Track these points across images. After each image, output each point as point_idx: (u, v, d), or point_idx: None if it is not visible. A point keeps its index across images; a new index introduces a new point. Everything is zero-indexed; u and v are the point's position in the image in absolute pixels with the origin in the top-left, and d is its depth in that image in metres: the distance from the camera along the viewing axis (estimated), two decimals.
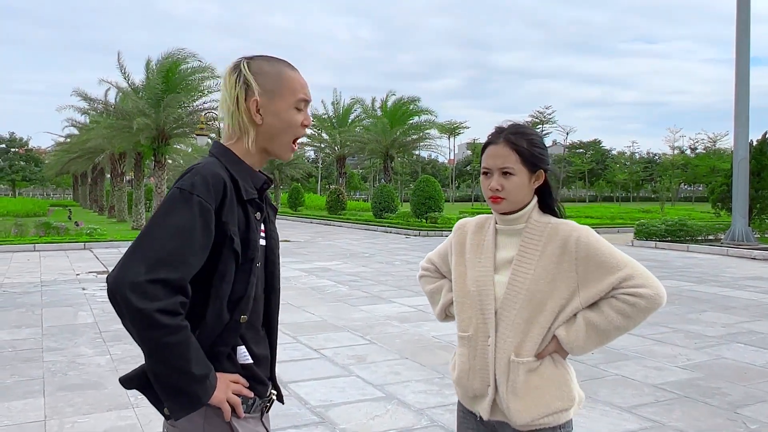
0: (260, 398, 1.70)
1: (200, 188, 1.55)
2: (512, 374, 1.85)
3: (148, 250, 1.49)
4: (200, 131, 19.32)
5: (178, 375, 1.50)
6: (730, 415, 4.52)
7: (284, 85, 1.67)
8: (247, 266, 1.63)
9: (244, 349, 1.67)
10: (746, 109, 18.06)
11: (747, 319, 7.96)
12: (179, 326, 1.48)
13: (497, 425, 1.92)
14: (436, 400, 4.84)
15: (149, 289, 1.45)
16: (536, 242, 1.89)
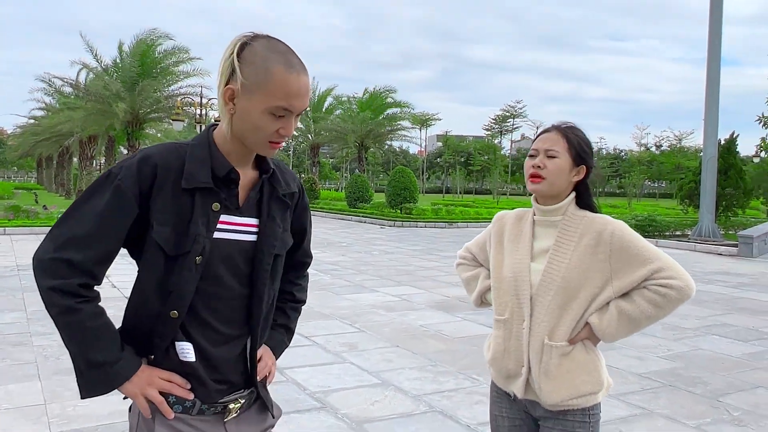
0: (203, 401, 1.57)
1: (125, 172, 1.49)
2: (545, 357, 1.95)
3: (62, 229, 1.50)
4: (176, 116, 19.11)
5: (75, 355, 1.50)
6: (713, 402, 4.74)
7: (266, 85, 1.46)
8: (181, 259, 1.50)
9: (187, 345, 1.55)
10: (716, 109, 18.54)
11: (720, 313, 8.26)
12: (71, 308, 1.46)
13: (528, 404, 2.03)
14: (432, 386, 4.96)
15: (50, 267, 1.46)
16: (572, 234, 1.99)
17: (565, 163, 1.98)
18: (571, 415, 1.97)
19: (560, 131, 2.01)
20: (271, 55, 1.48)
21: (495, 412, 2.16)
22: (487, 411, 4.45)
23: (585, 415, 1.98)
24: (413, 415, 4.33)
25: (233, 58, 1.47)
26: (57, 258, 1.46)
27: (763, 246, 15.77)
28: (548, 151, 1.99)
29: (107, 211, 1.48)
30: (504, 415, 2.12)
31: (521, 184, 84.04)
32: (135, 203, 1.49)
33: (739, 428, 4.24)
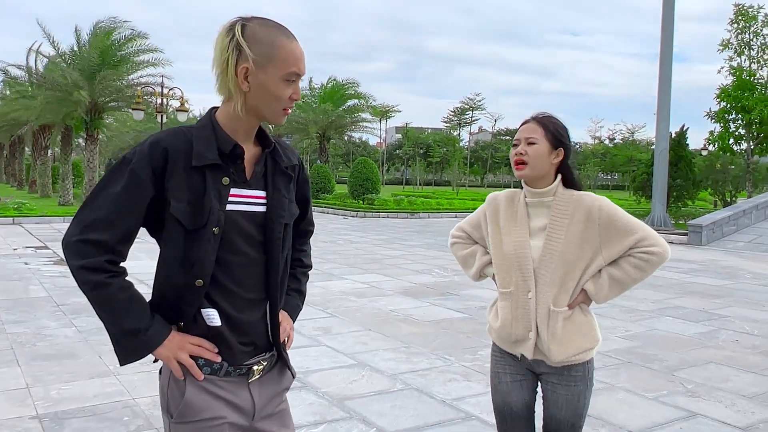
0: (230, 363, 1.70)
1: (138, 156, 1.62)
2: (551, 321, 2.22)
3: (85, 214, 1.63)
4: (136, 105, 18.83)
5: (110, 325, 1.65)
6: (669, 377, 5.08)
7: (277, 55, 1.61)
8: (199, 232, 1.63)
9: (213, 311, 1.67)
10: (668, 104, 19.22)
11: (673, 296, 8.71)
12: (102, 282, 1.60)
13: (533, 363, 2.30)
14: (406, 366, 5.17)
15: (78, 248, 1.61)
16: (564, 212, 2.24)
17: (544, 148, 2.22)
18: (574, 369, 2.26)
19: (536, 120, 2.27)
20: (271, 30, 1.63)
21: (498, 369, 2.40)
22: (459, 388, 4.71)
23: (585, 368, 2.28)
24: (391, 392, 4.53)
25: (238, 39, 1.59)
26: (83, 239, 1.60)
27: (711, 234, 16.49)
28: (528, 138, 2.23)
29: (125, 193, 1.61)
30: (507, 372, 2.36)
31: (479, 175, 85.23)
32: (150, 184, 1.62)
33: (693, 399, 4.57)
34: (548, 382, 2.30)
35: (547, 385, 2.30)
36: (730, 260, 13.20)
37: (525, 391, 2.34)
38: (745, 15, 24.92)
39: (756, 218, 17.42)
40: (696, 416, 4.23)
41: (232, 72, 1.61)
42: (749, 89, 24.65)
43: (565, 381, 2.26)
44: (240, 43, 1.59)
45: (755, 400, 4.57)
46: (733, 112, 25.08)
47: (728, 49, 25.43)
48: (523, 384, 2.34)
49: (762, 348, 6.06)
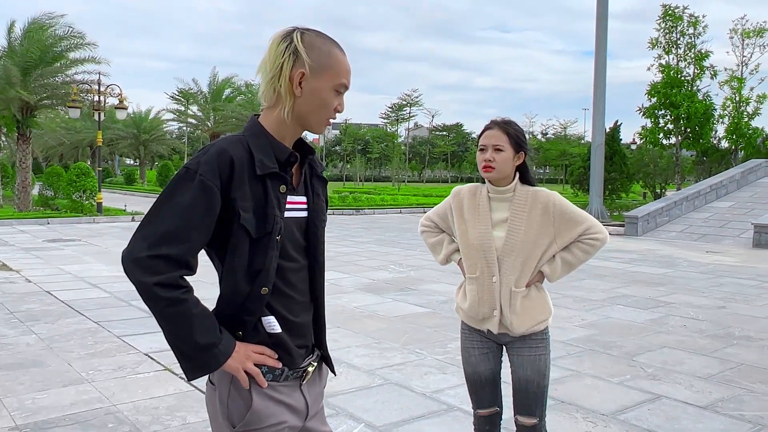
0: (290, 368, 1.72)
1: (204, 167, 1.61)
2: (513, 300, 2.58)
3: (152, 227, 1.59)
4: (72, 103, 18.16)
5: (183, 342, 1.61)
6: (630, 362, 5.37)
7: (332, 65, 1.67)
8: (264, 240, 1.65)
9: (272, 319, 1.69)
10: (603, 100, 19.98)
11: (620, 285, 9.13)
12: (177, 299, 1.57)
13: (499, 336, 2.66)
14: (381, 362, 5.27)
15: (150, 264, 1.55)
16: (523, 206, 2.57)
17: (509, 154, 2.54)
18: (533, 337, 2.63)
19: (501, 128, 2.55)
20: (327, 41, 1.70)
21: (467, 345, 2.74)
22: (436, 380, 4.86)
23: (542, 336, 2.65)
24: (371, 388, 4.62)
25: (296, 45, 1.64)
26: (154, 255, 1.55)
27: (646, 225, 17.27)
28: (495, 145, 2.53)
29: (195, 205, 1.58)
30: (475, 346, 2.71)
31: (416, 171, 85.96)
32: (219, 194, 1.60)
33: (654, 382, 4.86)
34: (513, 348, 2.66)
35: (512, 351, 2.66)
36: (666, 249, 13.88)
37: (491, 361, 2.69)
38: (672, 15, 26.14)
39: (686, 209, 18.35)
40: (660, 398, 4.50)
41: (287, 76, 1.64)
42: (677, 86, 25.88)
43: (527, 344, 2.62)
44: (298, 48, 1.64)
45: (711, 381, 4.89)
46: (662, 107, 26.27)
47: (657, 47, 26.64)
48: (489, 356, 2.70)
49: (708, 332, 6.46)
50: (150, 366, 5.03)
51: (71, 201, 19.60)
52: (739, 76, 27.60)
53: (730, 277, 10.09)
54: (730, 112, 27.52)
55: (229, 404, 1.68)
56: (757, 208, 17.56)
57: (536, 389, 2.61)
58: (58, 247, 12.54)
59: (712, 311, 7.48)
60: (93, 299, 7.56)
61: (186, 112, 41.81)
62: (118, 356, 5.29)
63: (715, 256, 12.79)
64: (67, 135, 46.75)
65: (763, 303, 8.04)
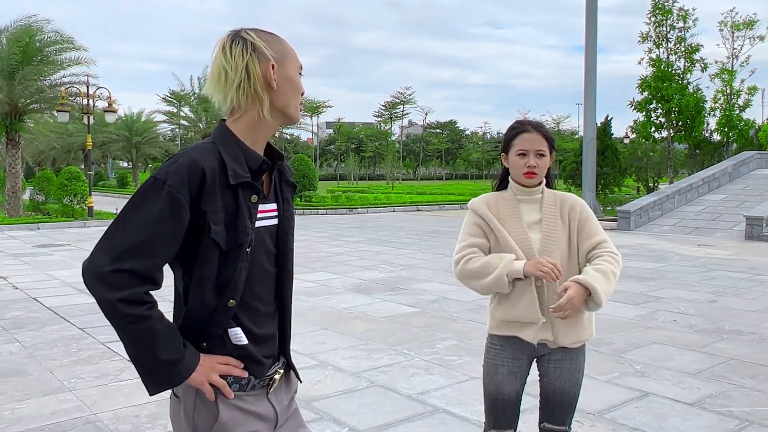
0: (256, 377, 1.69)
1: (173, 177, 1.54)
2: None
3: (116, 240, 1.52)
4: (61, 107, 18.04)
5: (145, 358, 1.56)
6: (618, 359, 5.33)
7: (288, 51, 1.69)
8: (234, 252, 1.60)
9: (238, 330, 1.66)
10: (594, 95, 19.96)
11: None
12: (141, 315, 1.51)
13: (538, 347, 2.51)
14: (368, 363, 5.22)
15: (113, 279, 1.48)
16: (553, 207, 2.52)
17: (548, 159, 2.52)
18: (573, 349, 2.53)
19: (540, 132, 2.50)
20: (270, 34, 1.70)
21: (495, 360, 2.55)
22: (423, 382, 4.81)
23: (582, 350, 2.58)
24: (357, 391, 4.57)
25: (254, 42, 1.62)
26: (117, 269, 1.48)
27: (639, 219, 17.27)
28: (538, 151, 2.48)
29: (162, 218, 1.52)
30: (504, 364, 2.53)
31: (411, 168, 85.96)
32: (187, 207, 1.54)
33: (643, 379, 4.82)
34: (550, 360, 2.53)
35: (549, 362, 2.53)
36: (658, 243, 13.87)
37: (518, 381, 2.55)
38: (662, 9, 26.14)
39: (678, 202, 18.35)
40: (648, 395, 4.46)
41: (257, 74, 1.61)
42: (668, 79, 25.89)
43: (569, 356, 2.52)
44: (257, 44, 1.62)
45: (699, 377, 4.86)
46: (653, 101, 26.28)
47: (647, 41, 26.64)
48: (518, 375, 2.55)
49: (698, 327, 6.43)
50: (133, 373, 4.97)
51: (62, 205, 19.50)
52: (730, 68, 27.63)
53: (721, 271, 10.08)
54: (722, 104, 27.56)
55: (195, 417, 1.64)
56: (750, 200, 17.57)
57: (572, 400, 2.56)
58: (47, 253, 12.46)
59: (702, 305, 7.45)
60: (79, 305, 7.49)
61: (178, 113, 41.65)
62: (102, 363, 5.22)
63: (707, 250, 12.78)
64: (59, 139, 46.57)
65: (754, 296, 8.02)
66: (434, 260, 11.15)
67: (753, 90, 27.66)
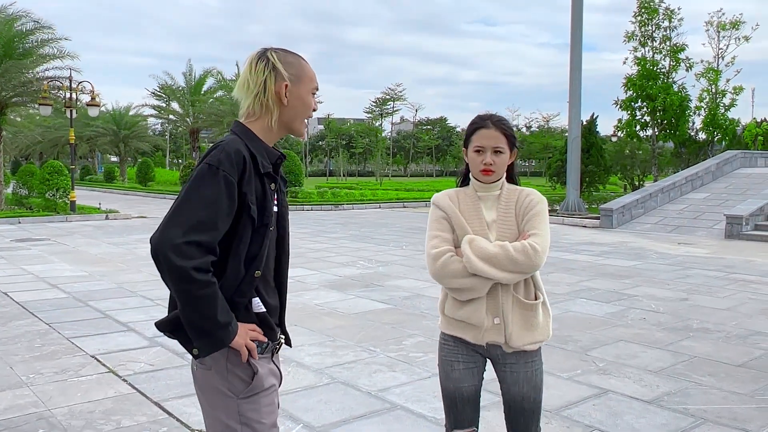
0: (271, 342, 2.01)
1: (225, 164, 1.83)
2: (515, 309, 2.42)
3: (184, 217, 1.79)
4: (43, 101, 17.89)
5: (207, 321, 1.81)
6: (583, 356, 5.34)
7: (305, 73, 2.00)
8: (261, 230, 1.92)
9: (259, 300, 1.96)
10: (579, 93, 20.00)
11: (585, 279, 9.13)
12: (209, 282, 1.79)
13: (489, 348, 2.47)
14: (332, 360, 5.21)
15: (186, 250, 1.75)
16: (510, 205, 2.44)
17: (507, 156, 2.44)
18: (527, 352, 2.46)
19: (498, 128, 2.40)
20: (293, 55, 2.02)
21: (449, 358, 2.50)
22: (384, 378, 4.80)
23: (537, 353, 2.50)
24: (317, 387, 4.56)
25: (274, 62, 1.94)
26: (190, 241, 1.76)
27: (621, 217, 17.33)
28: (495, 148, 2.39)
29: (220, 197, 1.81)
30: (459, 360, 2.49)
31: (402, 165, 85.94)
32: (236, 189, 1.84)
33: (604, 376, 4.83)
34: (505, 364, 2.46)
35: (505, 366, 2.46)
36: (638, 242, 13.93)
37: (476, 377, 2.50)
38: (648, 8, 26.20)
39: (661, 201, 18.43)
40: (607, 393, 4.47)
41: (272, 90, 1.94)
42: (653, 78, 25.96)
43: (523, 359, 2.44)
44: (276, 65, 1.95)
45: (660, 374, 4.88)
46: (638, 100, 26.36)
47: (633, 40, 26.71)
48: (474, 371, 2.50)
49: (666, 324, 6.46)
50: (94, 368, 4.94)
51: (44, 200, 19.35)
52: (715, 68, 27.75)
53: (697, 269, 10.13)
54: (707, 103, 27.67)
55: (229, 377, 1.92)
56: (732, 199, 17.67)
57: (533, 405, 2.46)
58: (25, 247, 12.36)
59: (673, 303, 7.49)
60: (50, 300, 7.44)
61: (168, 108, 41.37)
62: (64, 359, 5.18)
63: (686, 248, 12.85)
64: (46, 132, 46.24)
65: (726, 294, 8.07)
66: (412, 257, 11.15)
67: (738, 90, 27.80)
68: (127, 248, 12.09)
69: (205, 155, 1.90)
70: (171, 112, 40.88)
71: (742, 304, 7.46)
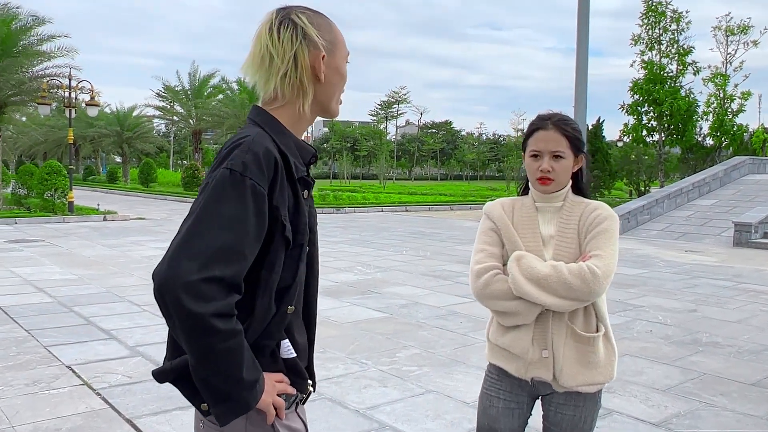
0: (301, 393, 1.56)
1: (252, 169, 1.35)
2: (568, 341, 2.07)
3: (200, 244, 1.31)
4: (42, 100, 17.69)
5: (229, 381, 1.35)
6: None
7: (338, 38, 1.55)
8: (296, 252, 1.45)
9: (288, 342, 1.50)
10: (584, 96, 19.62)
11: None
12: (234, 331, 1.33)
13: (539, 386, 2.14)
14: (321, 373, 4.92)
15: (204, 290, 1.28)
16: (573, 221, 2.07)
17: (570, 161, 2.07)
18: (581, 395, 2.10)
19: (558, 129, 2.05)
20: (320, 15, 1.54)
21: (490, 392, 2.19)
22: (375, 395, 4.53)
23: (594, 398, 2.12)
24: None
25: (305, 28, 1.47)
26: (207, 278, 1.28)
27: (627, 224, 17.01)
28: (553, 152, 2.04)
29: (247, 215, 1.34)
30: (500, 397, 2.16)
31: (406, 168, 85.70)
32: (267, 201, 1.37)
33: (608, 395, 4.53)
34: (552, 402, 2.13)
35: (551, 405, 2.13)
36: (644, 249, 13.61)
37: (516, 419, 2.16)
38: (655, 11, 25.89)
39: (668, 207, 18.11)
40: (611, 414, 4.19)
41: (306, 64, 1.47)
42: (660, 82, 25.62)
43: (573, 402, 2.09)
44: (308, 32, 1.47)
45: (668, 393, 4.59)
46: (645, 104, 26.03)
47: (639, 43, 26.39)
48: (516, 412, 2.16)
49: (674, 338, 6.16)
50: (68, 380, 4.67)
51: (43, 200, 19.14)
52: (724, 72, 27.40)
53: (706, 278, 9.82)
54: (715, 109, 27.32)
55: None
56: (740, 205, 17.34)
57: None
58: (17, 249, 12.12)
59: (682, 315, 7.19)
60: (34, 305, 7.18)
61: (171, 109, 41.23)
62: (38, 369, 4.92)
63: (694, 256, 12.53)
64: (49, 132, 46.15)
65: (736, 305, 7.76)
66: (412, 262, 10.86)
67: (746, 95, 27.43)
68: (121, 251, 11.84)
69: (225, 156, 1.40)
70: (174, 113, 40.75)
71: (753, 317, 7.16)
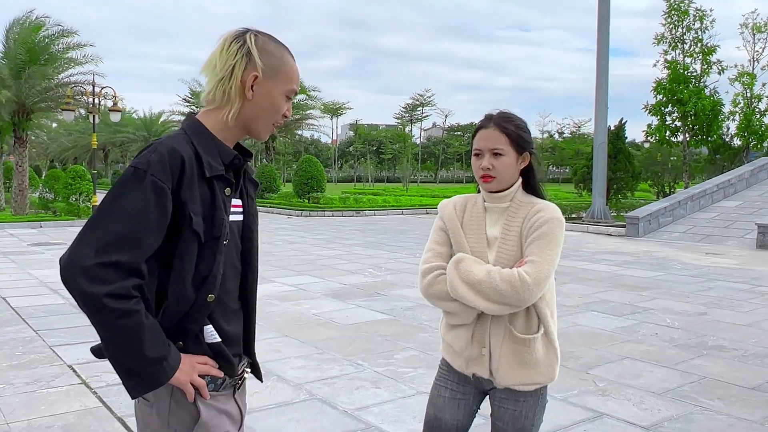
0: (229, 377, 1.67)
1: (155, 167, 1.49)
2: (506, 341, 2.11)
3: (99, 233, 1.45)
4: (66, 106, 18.07)
5: (131, 357, 1.48)
6: (582, 375, 5.00)
7: (285, 70, 1.65)
8: (212, 245, 1.58)
9: (212, 328, 1.63)
10: (605, 97, 19.48)
11: (601, 290, 8.72)
12: (130, 310, 1.45)
13: (482, 381, 2.19)
14: (315, 374, 4.97)
15: (99, 273, 1.41)
16: (517, 222, 2.06)
17: (511, 158, 2.06)
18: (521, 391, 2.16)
19: (498, 127, 2.05)
20: (279, 45, 1.67)
21: (439, 383, 2.25)
22: (365, 396, 4.55)
23: (535, 395, 2.19)
24: (291, 404, 4.32)
25: (250, 47, 1.59)
26: (103, 262, 1.42)
27: (648, 226, 16.76)
28: (493, 150, 2.05)
29: (147, 208, 1.47)
30: (447, 387, 2.22)
31: (432, 171, 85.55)
32: (170, 196, 1.51)
33: (602, 398, 4.49)
34: (495, 397, 2.17)
35: (495, 400, 2.18)
36: (663, 251, 13.40)
37: (461, 410, 2.19)
38: (678, 10, 25.46)
39: (691, 209, 17.79)
40: (602, 416, 4.14)
41: (238, 78, 1.60)
42: (683, 82, 25.19)
43: (514, 396, 2.13)
44: (252, 50, 1.60)
45: (663, 397, 4.51)
46: (669, 104, 25.60)
47: (663, 43, 25.98)
48: (461, 403, 2.20)
49: (679, 341, 6.06)
50: (67, 379, 4.77)
51: (68, 204, 19.57)
52: (751, 71, 26.84)
53: (721, 281, 9.63)
54: (742, 108, 26.75)
55: (171, 420, 1.60)
56: (766, 207, 16.96)
57: None
58: (39, 251, 12.41)
59: (690, 318, 7.06)
60: (46, 306, 7.35)
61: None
62: (40, 368, 5.03)
63: (714, 258, 12.29)
64: (79, 138, 47.12)
65: (749, 309, 7.60)
66: None
67: None
68: None
69: (135, 156, 1.57)
70: None
71: (764, 320, 7.00)
